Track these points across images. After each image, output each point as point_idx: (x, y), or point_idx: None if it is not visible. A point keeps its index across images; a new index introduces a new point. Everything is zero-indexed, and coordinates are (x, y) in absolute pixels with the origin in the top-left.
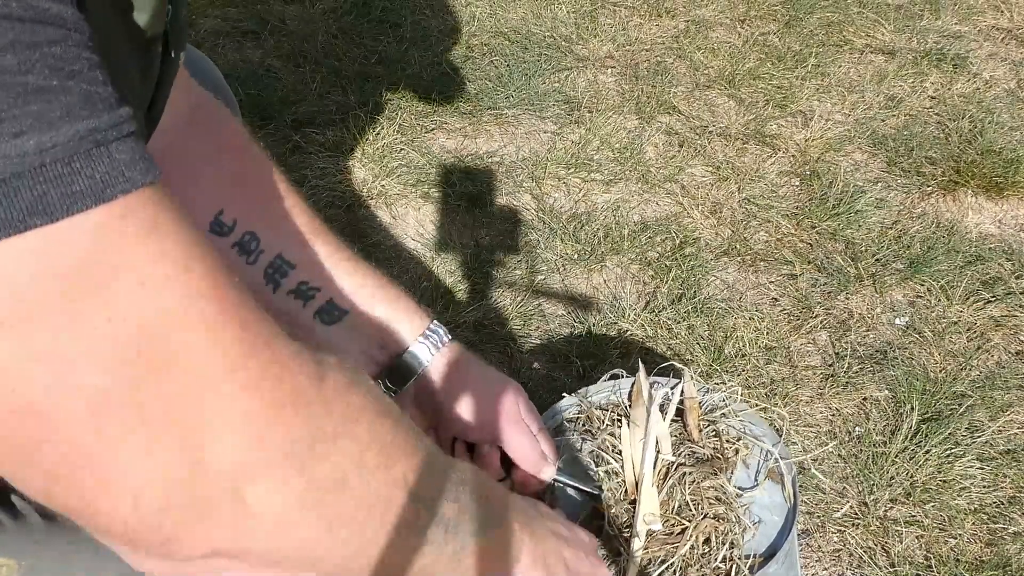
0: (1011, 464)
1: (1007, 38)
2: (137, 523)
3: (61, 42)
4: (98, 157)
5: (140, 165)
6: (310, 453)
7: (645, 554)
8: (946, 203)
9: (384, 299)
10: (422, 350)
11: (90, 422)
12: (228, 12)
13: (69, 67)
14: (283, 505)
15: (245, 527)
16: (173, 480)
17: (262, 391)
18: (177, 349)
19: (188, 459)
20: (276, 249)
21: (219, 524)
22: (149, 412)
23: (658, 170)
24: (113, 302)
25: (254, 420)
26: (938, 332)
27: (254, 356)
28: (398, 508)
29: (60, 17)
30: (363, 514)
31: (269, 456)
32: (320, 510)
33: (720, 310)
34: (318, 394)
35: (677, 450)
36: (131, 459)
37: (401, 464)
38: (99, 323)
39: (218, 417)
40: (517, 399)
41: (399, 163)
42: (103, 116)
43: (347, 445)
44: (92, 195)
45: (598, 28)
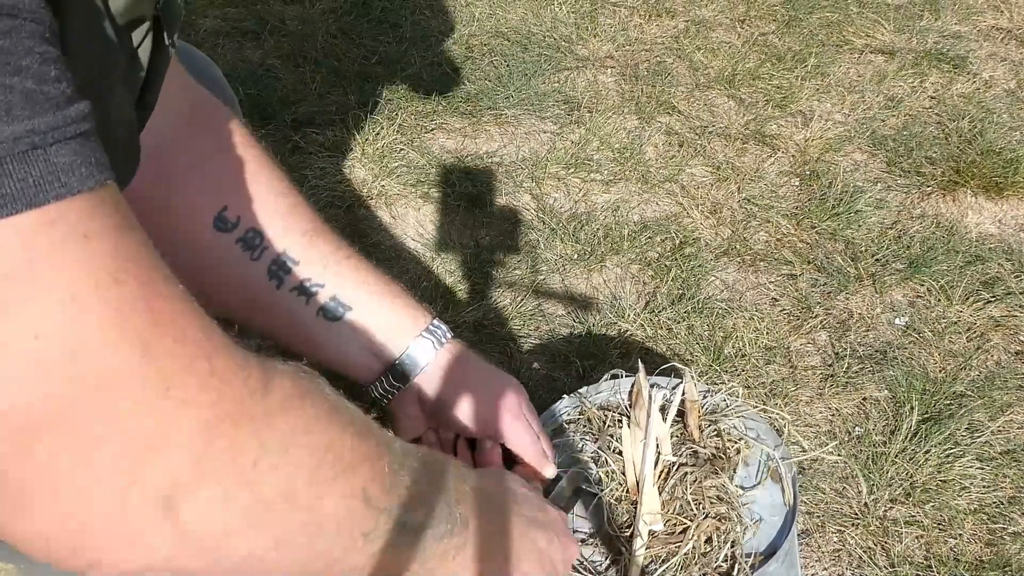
0: (1011, 464)
1: (1007, 38)
2: (60, 544)
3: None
4: (33, 160)
5: (80, 170)
6: (254, 469)
7: (647, 553)
8: (946, 203)
9: (386, 297)
10: (424, 348)
11: (13, 441)
12: (228, 12)
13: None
14: (224, 523)
15: (183, 546)
16: (101, 500)
17: (200, 407)
18: (109, 368)
19: (120, 480)
20: (280, 246)
21: (152, 544)
22: (78, 433)
23: (658, 170)
24: (42, 318)
25: (192, 438)
26: (938, 332)
27: (192, 371)
28: (355, 518)
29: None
30: (314, 527)
31: (207, 473)
32: (266, 525)
33: (720, 310)
34: (262, 407)
35: (678, 450)
36: (55, 479)
37: (360, 474)
38: (27, 340)
39: (153, 436)
40: (518, 397)
41: (399, 163)
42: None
43: (297, 457)
44: (23, 199)
45: (598, 28)
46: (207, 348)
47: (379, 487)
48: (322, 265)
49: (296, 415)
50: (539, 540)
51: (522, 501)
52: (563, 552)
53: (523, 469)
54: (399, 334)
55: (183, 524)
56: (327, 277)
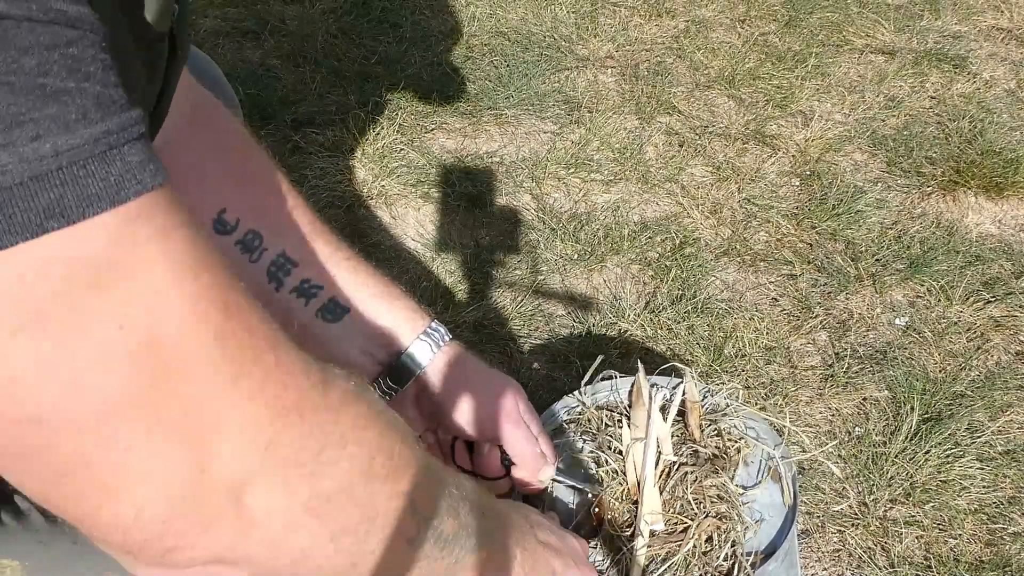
0: (1011, 464)
1: (1007, 38)
2: (138, 533)
3: (77, 43)
4: (112, 159)
5: (150, 167)
6: (316, 461)
7: (648, 553)
8: (946, 203)
9: (385, 298)
10: (423, 349)
11: (95, 431)
12: (228, 12)
13: (85, 68)
14: (288, 512)
15: (248, 535)
16: (176, 489)
17: (267, 398)
18: (186, 357)
19: (192, 467)
20: (279, 247)
21: (221, 532)
22: (156, 420)
23: (658, 170)
24: (125, 308)
25: (259, 427)
26: (938, 332)
27: (259, 363)
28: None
29: (77, 18)
30: (366, 525)
31: (274, 463)
32: (324, 519)
33: (720, 310)
34: (324, 401)
35: (679, 449)
36: (135, 468)
37: (406, 477)
38: (111, 330)
39: (223, 424)
40: (517, 399)
41: (399, 163)
42: (115, 118)
43: (355, 453)
44: (107, 198)
45: (598, 28)
46: (272, 341)
47: (422, 493)
48: (321, 266)
49: (353, 412)
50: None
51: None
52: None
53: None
54: (398, 336)
55: (250, 512)
56: (326, 279)
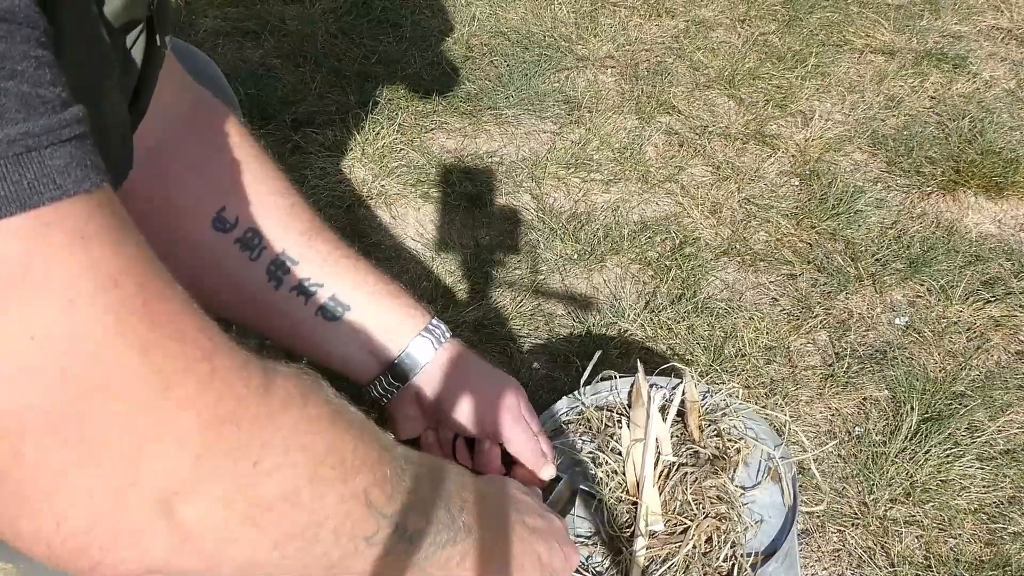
0: (1011, 464)
1: (1007, 38)
2: (60, 546)
3: (5, 38)
4: (28, 163)
5: (76, 172)
6: (255, 470)
7: (647, 553)
8: (946, 203)
9: (385, 296)
10: (423, 347)
11: (7, 442)
12: (228, 12)
13: (12, 66)
14: (223, 523)
15: (181, 547)
16: (100, 502)
17: (199, 408)
18: (106, 369)
19: (118, 481)
20: (279, 246)
21: (152, 545)
22: (75, 434)
23: (658, 170)
24: (37, 319)
25: (191, 438)
26: (938, 332)
27: (191, 372)
28: (354, 521)
29: (8, 11)
30: (313, 529)
31: (207, 474)
32: (264, 527)
33: (720, 310)
34: (264, 408)
35: (678, 450)
36: (51, 481)
37: (362, 477)
38: (22, 342)
39: (152, 438)
40: (517, 397)
41: (399, 163)
42: (40, 120)
43: (299, 458)
44: (16, 201)
45: (598, 28)
46: (207, 349)
47: (380, 492)
48: (320, 265)
49: (297, 416)
50: (540, 548)
51: (523, 509)
52: (564, 561)
53: (521, 470)
54: (398, 333)
55: (183, 525)
56: (325, 277)
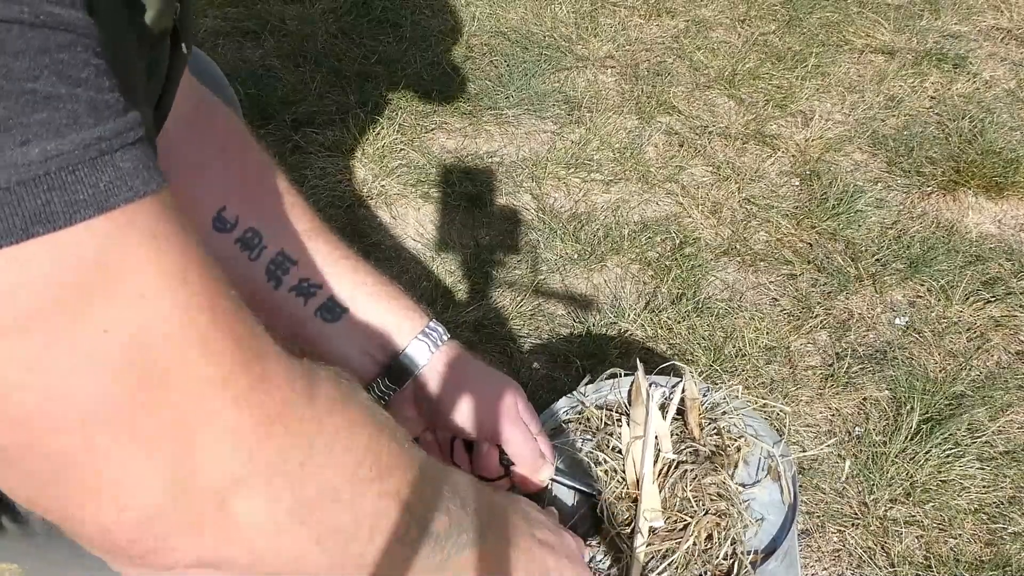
0: (1011, 464)
1: (1007, 38)
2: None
3: (70, 48)
4: (102, 166)
5: (144, 174)
6: (301, 467)
7: (647, 551)
8: (946, 203)
9: (384, 298)
10: (421, 349)
11: (79, 432)
12: (228, 12)
13: (77, 74)
14: (271, 518)
15: (231, 539)
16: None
17: (252, 406)
18: (170, 362)
19: (175, 472)
20: (278, 246)
21: (204, 536)
22: (139, 424)
23: (658, 170)
24: (110, 312)
25: (244, 434)
26: (938, 332)
27: (246, 371)
28: (389, 522)
29: (70, 23)
30: (353, 528)
31: (258, 470)
32: (309, 524)
33: (720, 310)
34: (310, 408)
35: (678, 447)
36: (117, 470)
37: (395, 478)
38: (95, 334)
39: (208, 431)
40: (516, 398)
41: (399, 163)
42: (108, 124)
43: (341, 458)
44: (95, 204)
45: (598, 28)
46: (260, 351)
47: (412, 493)
48: (320, 265)
49: (340, 417)
50: (548, 561)
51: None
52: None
53: (519, 473)
54: (396, 335)
55: (234, 518)
56: (325, 277)
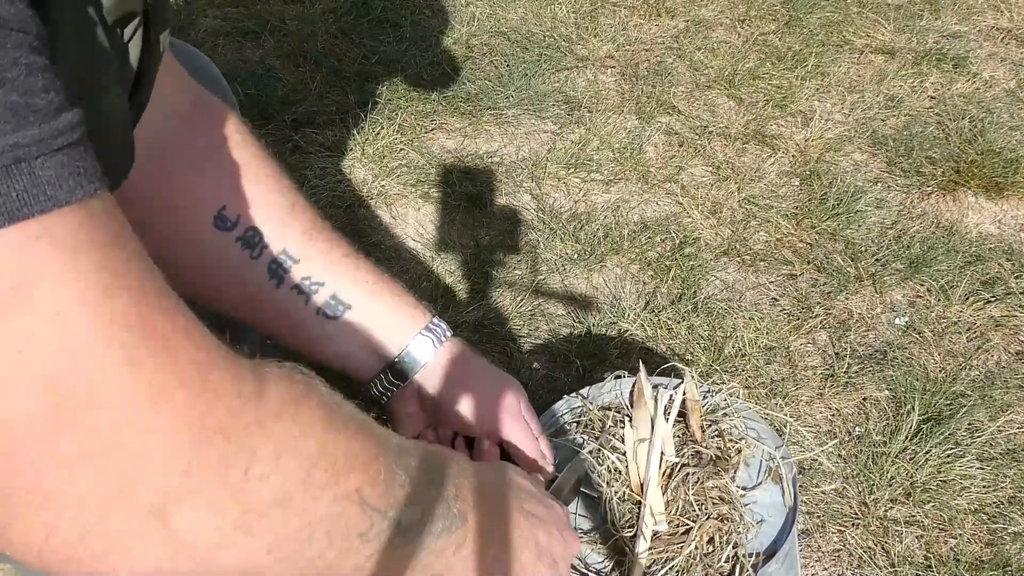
0: (1011, 464)
1: (1007, 38)
2: (51, 555)
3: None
4: (17, 174)
5: (68, 182)
6: (245, 478)
7: (650, 554)
8: (946, 203)
9: (386, 295)
10: (423, 346)
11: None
12: (228, 12)
13: (1, 75)
14: (216, 531)
15: (175, 556)
16: (91, 513)
17: (190, 420)
18: (94, 382)
19: (106, 489)
20: (280, 245)
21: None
22: (65, 447)
23: (658, 170)
24: (26, 331)
25: (180, 449)
26: (938, 332)
27: (183, 385)
28: (348, 521)
29: (2, 17)
30: (307, 531)
31: (197, 483)
32: (257, 533)
33: (720, 310)
34: (255, 416)
35: (680, 451)
36: (43, 492)
37: (355, 476)
38: (10, 354)
39: (142, 450)
40: (517, 397)
41: (399, 163)
42: (31, 129)
43: (290, 464)
44: (5, 214)
45: (598, 28)
46: (199, 360)
47: (374, 489)
48: (321, 264)
49: (290, 421)
50: (539, 534)
51: (523, 495)
52: (564, 547)
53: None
54: (398, 332)
55: (175, 533)
56: (326, 276)
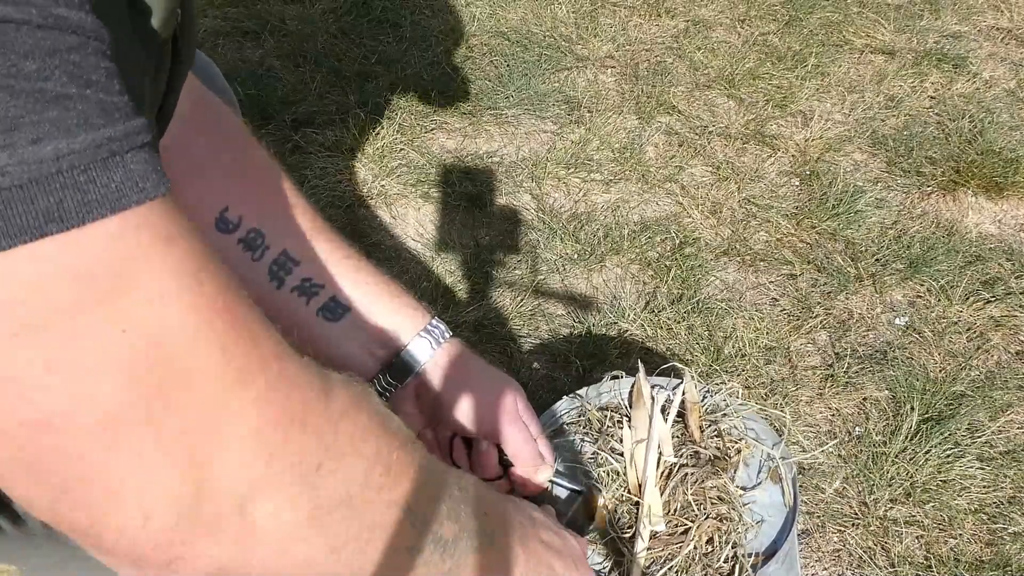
0: (1011, 464)
1: (1007, 38)
2: (145, 541)
3: (79, 49)
4: (114, 166)
5: (153, 177)
6: (317, 471)
7: (648, 555)
8: (946, 203)
9: (386, 297)
10: (422, 346)
11: (102, 436)
12: (228, 12)
13: (87, 75)
14: (290, 524)
15: (252, 546)
16: (183, 497)
17: (271, 407)
18: (189, 364)
19: (197, 475)
20: (281, 246)
21: (227, 542)
22: (161, 427)
23: (658, 170)
24: (128, 313)
25: (265, 435)
26: (938, 332)
27: (263, 372)
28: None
29: (79, 25)
30: (365, 535)
31: (277, 474)
32: (324, 530)
33: (720, 310)
34: (325, 411)
35: (679, 451)
36: (142, 475)
37: (403, 484)
38: (114, 334)
39: (228, 433)
40: (516, 398)
41: (399, 163)
42: (119, 126)
43: (353, 464)
44: (108, 204)
45: (598, 28)
46: (276, 351)
47: (421, 500)
48: (322, 265)
49: (353, 422)
50: (555, 564)
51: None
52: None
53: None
54: (397, 333)
55: (254, 523)
56: (327, 277)
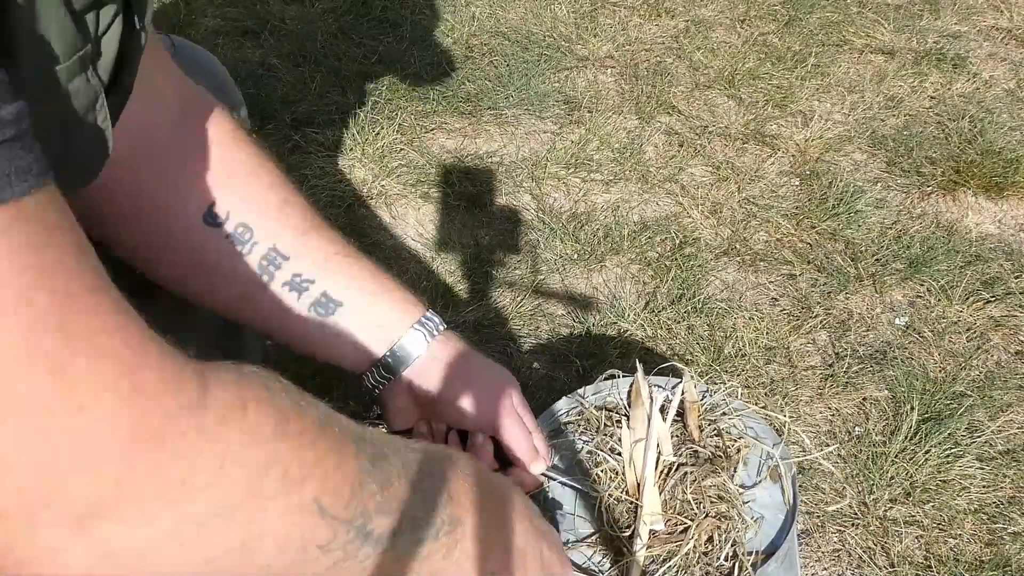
0: (1011, 464)
1: (1007, 38)
2: None
3: None
4: None
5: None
6: (182, 487)
7: (648, 554)
8: (946, 203)
9: (377, 291)
10: (416, 339)
11: None
12: (228, 12)
13: None
14: (146, 541)
15: (101, 564)
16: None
17: (117, 427)
18: (17, 390)
19: (32, 501)
20: (270, 241)
21: (71, 563)
22: None
23: (658, 170)
24: None
25: (109, 460)
26: (938, 332)
27: (109, 390)
28: (303, 531)
29: None
30: (254, 542)
31: (127, 494)
32: (193, 544)
33: (720, 310)
34: (195, 422)
35: (678, 450)
36: None
37: (310, 486)
38: None
39: (69, 457)
40: (511, 391)
41: (399, 163)
42: None
43: (235, 473)
44: None
45: (598, 28)
46: (131, 364)
47: (335, 498)
48: (313, 260)
49: (236, 428)
50: (543, 547)
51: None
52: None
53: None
54: (391, 327)
55: (102, 542)
56: (318, 273)
